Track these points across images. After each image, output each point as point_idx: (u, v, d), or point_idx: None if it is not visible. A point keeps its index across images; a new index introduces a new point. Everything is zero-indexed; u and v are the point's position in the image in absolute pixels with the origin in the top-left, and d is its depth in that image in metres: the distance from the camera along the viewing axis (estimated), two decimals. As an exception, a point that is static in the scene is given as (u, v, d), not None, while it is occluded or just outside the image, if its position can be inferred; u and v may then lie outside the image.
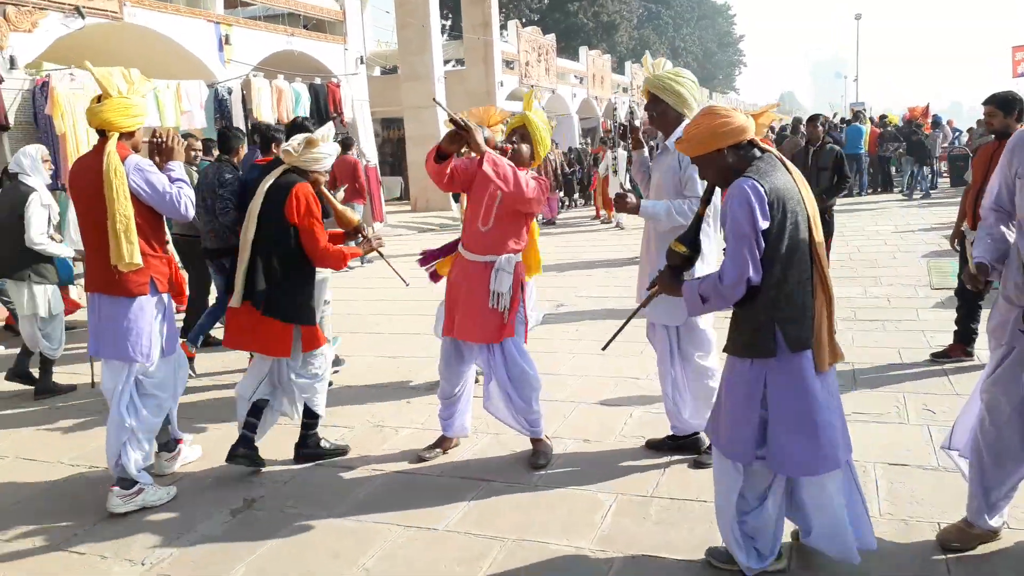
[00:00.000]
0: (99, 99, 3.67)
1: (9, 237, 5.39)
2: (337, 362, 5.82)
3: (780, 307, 2.58)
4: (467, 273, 3.94)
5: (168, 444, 4.16)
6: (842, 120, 20.68)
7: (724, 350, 2.79)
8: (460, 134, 3.62)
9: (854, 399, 4.63)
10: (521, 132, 4.03)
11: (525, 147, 4.01)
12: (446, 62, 26.54)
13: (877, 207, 15.31)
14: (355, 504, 3.69)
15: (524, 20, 34.90)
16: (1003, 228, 2.96)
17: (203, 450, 4.35)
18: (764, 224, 2.51)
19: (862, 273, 8.57)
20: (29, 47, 9.83)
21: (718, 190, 2.88)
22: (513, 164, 3.75)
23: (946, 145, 19.64)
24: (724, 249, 2.64)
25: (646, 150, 4.11)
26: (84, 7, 10.43)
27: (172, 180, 3.77)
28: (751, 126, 2.67)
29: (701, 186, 3.47)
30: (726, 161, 2.65)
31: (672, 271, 2.84)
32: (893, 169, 18.68)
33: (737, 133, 2.63)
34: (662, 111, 3.73)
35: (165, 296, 3.85)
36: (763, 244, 2.53)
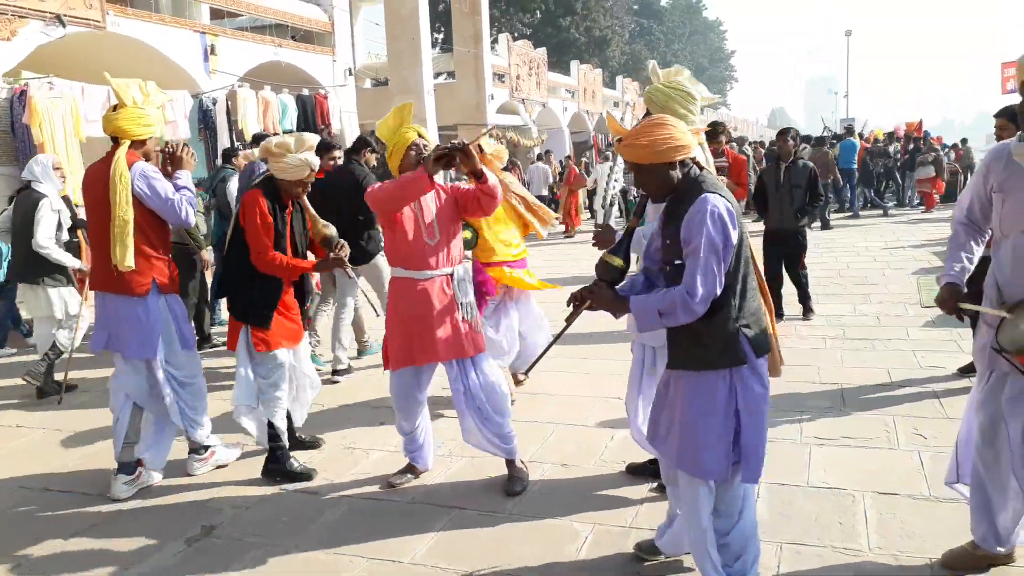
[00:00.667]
0: (115, 108, 3.92)
1: (24, 242, 5.69)
2: (344, 371, 5.94)
3: (743, 315, 2.59)
4: (422, 294, 3.70)
5: (197, 450, 4.26)
6: (834, 135, 20.64)
7: (681, 367, 2.66)
8: (451, 156, 3.48)
9: (842, 423, 4.48)
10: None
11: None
12: (437, 75, 26.49)
13: (867, 223, 15.23)
14: (319, 534, 3.50)
15: (516, 34, 34.96)
16: (973, 244, 2.91)
17: (168, 468, 4.20)
18: (735, 238, 2.52)
19: (851, 290, 8.45)
20: (8, 55, 9.65)
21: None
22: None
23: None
24: (675, 263, 2.58)
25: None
26: (66, 16, 10.26)
27: (177, 188, 4.02)
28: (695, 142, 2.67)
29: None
30: (670, 175, 2.60)
31: (609, 286, 2.72)
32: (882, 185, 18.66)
33: (689, 149, 2.60)
34: None
35: (170, 297, 4.09)
36: (730, 258, 2.53)
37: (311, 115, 15.21)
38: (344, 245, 4.09)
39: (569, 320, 2.77)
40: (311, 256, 4.27)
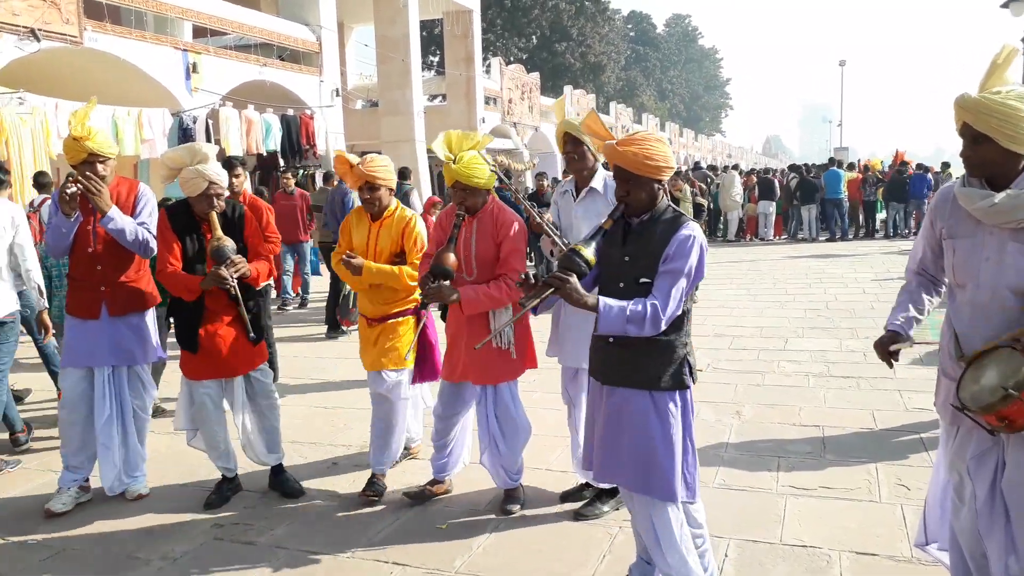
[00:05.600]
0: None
1: None
2: None
3: (687, 340, 2.73)
4: (466, 319, 3.74)
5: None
6: (820, 166, 20.58)
7: (627, 384, 2.68)
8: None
9: (822, 471, 4.20)
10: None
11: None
12: (432, 97, 26.48)
13: (858, 253, 15.05)
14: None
15: (512, 58, 35.03)
16: (925, 295, 2.67)
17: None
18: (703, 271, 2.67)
19: (838, 324, 8.20)
20: (-21, 70, 9.45)
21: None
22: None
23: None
24: (641, 280, 2.63)
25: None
26: (41, 30, 10.07)
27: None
28: None
29: None
30: (656, 192, 2.69)
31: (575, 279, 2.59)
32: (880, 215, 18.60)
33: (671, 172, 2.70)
34: (582, 154, 3.74)
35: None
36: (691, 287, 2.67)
37: (295, 135, 15.01)
38: (236, 262, 3.83)
39: (531, 302, 2.56)
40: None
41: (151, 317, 4.23)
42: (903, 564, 3.19)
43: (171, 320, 4.25)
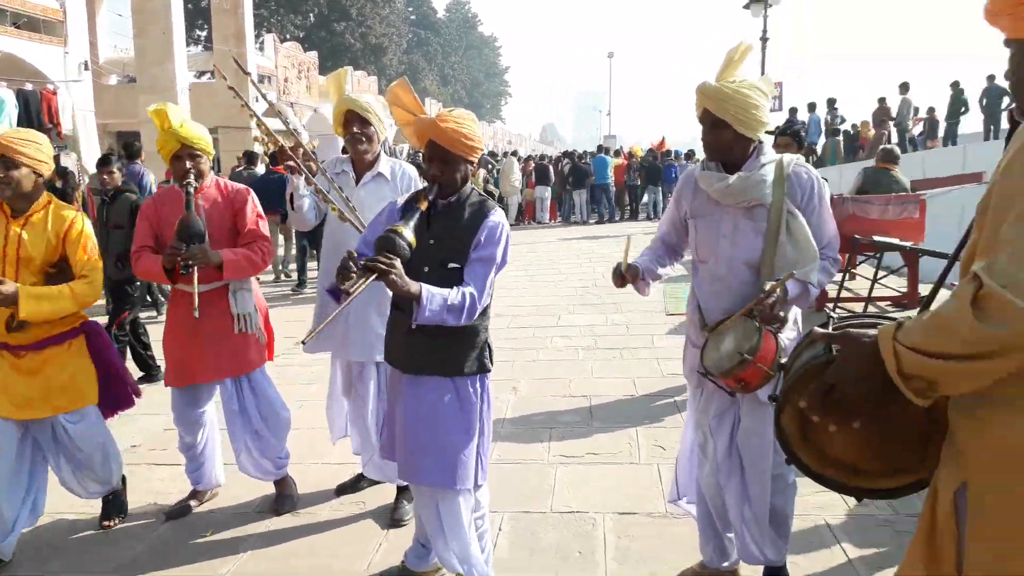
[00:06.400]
0: None
1: None
2: None
3: (488, 323, 2.71)
4: (204, 312, 3.31)
5: None
6: (590, 153, 21.85)
7: (429, 372, 2.61)
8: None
9: (589, 439, 4.46)
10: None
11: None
12: (200, 74, 24.58)
13: (623, 234, 16.14)
14: None
15: (288, 36, 33.49)
16: (666, 257, 2.93)
17: None
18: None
19: (605, 300, 8.76)
20: None
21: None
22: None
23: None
24: (449, 265, 2.57)
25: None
26: None
27: None
28: None
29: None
30: (467, 172, 2.63)
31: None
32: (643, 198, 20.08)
33: None
34: (370, 135, 3.55)
35: None
36: None
37: (35, 112, 13.35)
38: None
39: (356, 289, 2.30)
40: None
41: None
42: (658, 519, 3.47)
43: None
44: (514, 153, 22.89)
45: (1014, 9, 1.39)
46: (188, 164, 3.39)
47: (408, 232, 2.42)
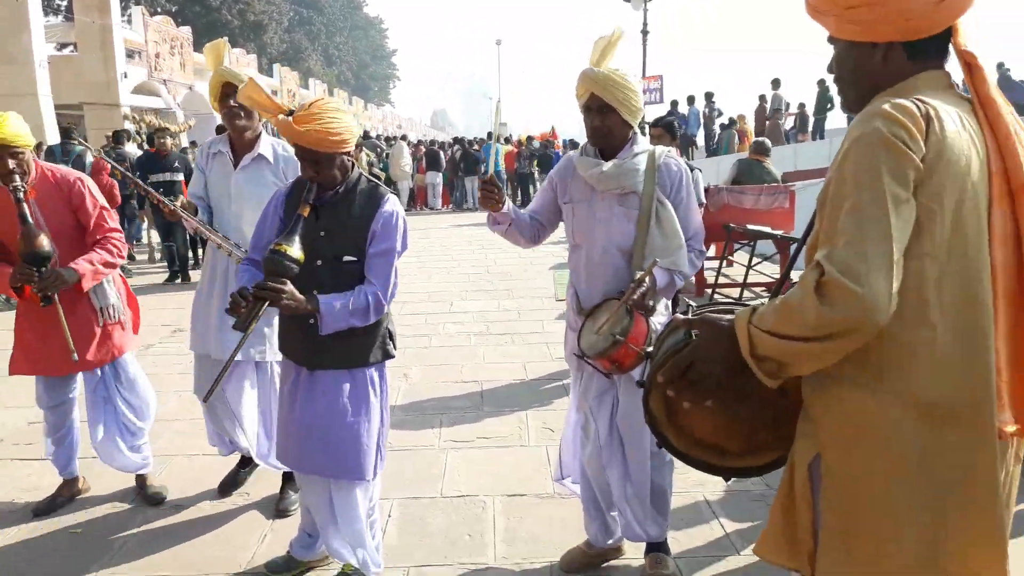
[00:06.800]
0: None
1: None
2: None
3: (389, 310, 2.66)
4: (69, 307, 3.21)
5: None
6: (480, 140, 21.91)
7: (332, 366, 2.55)
8: None
9: (480, 424, 4.48)
10: None
11: None
12: (61, 46, 22.88)
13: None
14: None
15: (159, 9, 31.66)
16: (530, 225, 2.89)
17: None
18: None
19: (497, 286, 8.81)
20: None
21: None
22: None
23: None
24: (345, 259, 2.52)
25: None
26: None
27: None
28: None
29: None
30: (345, 164, 2.52)
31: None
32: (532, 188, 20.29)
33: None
34: (249, 112, 3.35)
35: None
36: None
37: None
38: None
39: (249, 324, 2.29)
40: None
41: None
42: (546, 499, 3.53)
43: None
44: (404, 137, 22.63)
45: (842, 12, 1.49)
46: (11, 164, 3.07)
47: (294, 249, 2.34)
